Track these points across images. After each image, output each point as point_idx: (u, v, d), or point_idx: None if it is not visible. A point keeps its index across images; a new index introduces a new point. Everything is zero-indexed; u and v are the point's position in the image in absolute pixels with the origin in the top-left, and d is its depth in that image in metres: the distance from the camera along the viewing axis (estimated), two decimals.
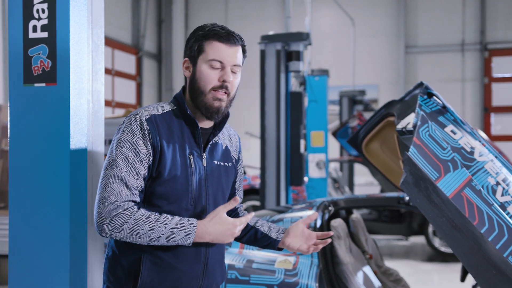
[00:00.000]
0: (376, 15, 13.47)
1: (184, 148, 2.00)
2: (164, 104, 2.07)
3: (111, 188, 1.89)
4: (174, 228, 1.88)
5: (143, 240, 1.88)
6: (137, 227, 1.86)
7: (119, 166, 1.91)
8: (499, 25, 12.93)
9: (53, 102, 2.23)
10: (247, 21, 14.23)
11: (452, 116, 2.67)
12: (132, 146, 1.93)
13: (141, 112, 1.99)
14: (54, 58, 2.23)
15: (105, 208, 1.87)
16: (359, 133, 3.50)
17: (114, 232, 1.87)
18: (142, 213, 1.88)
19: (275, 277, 3.01)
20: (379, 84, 13.48)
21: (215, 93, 1.98)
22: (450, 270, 7.50)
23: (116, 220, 1.86)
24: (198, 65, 2.00)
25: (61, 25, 2.24)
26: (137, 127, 1.95)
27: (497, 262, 2.22)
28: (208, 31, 2.00)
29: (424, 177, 2.28)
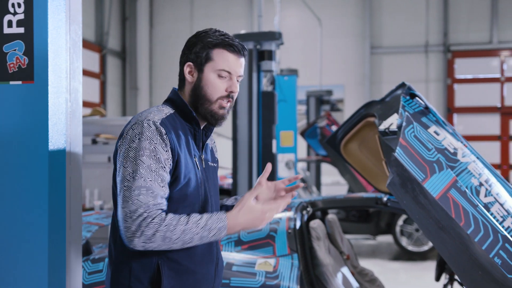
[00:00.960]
0: (342, 15, 13.57)
1: (190, 151, 1.99)
2: (162, 107, 2.03)
3: (137, 200, 1.82)
4: (205, 226, 1.85)
5: (177, 245, 1.84)
6: (170, 233, 1.81)
7: (143, 176, 1.84)
8: (461, 28, 13.19)
9: (30, 101, 2.14)
10: (212, 19, 14.14)
11: (435, 117, 2.67)
12: (152, 153, 1.87)
13: (151, 117, 1.94)
14: (31, 55, 2.14)
15: (134, 222, 1.80)
16: (338, 133, 3.49)
17: (147, 243, 1.81)
18: (171, 218, 1.83)
19: (256, 279, 2.97)
20: (345, 84, 13.58)
21: (221, 102, 1.99)
22: (417, 268, 7.60)
23: (147, 230, 1.80)
24: (206, 73, 2.00)
25: (39, 20, 2.14)
26: (153, 132, 1.89)
27: (483, 263, 2.22)
28: (219, 40, 2.00)
29: (411, 178, 2.27)
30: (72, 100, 2.33)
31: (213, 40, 1.99)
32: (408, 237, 7.98)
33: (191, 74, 2.03)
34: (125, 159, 1.88)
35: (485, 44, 13.07)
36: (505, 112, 12.96)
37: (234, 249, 3.24)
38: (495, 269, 2.21)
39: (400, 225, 7.96)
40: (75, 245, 2.32)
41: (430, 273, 7.32)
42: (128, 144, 1.90)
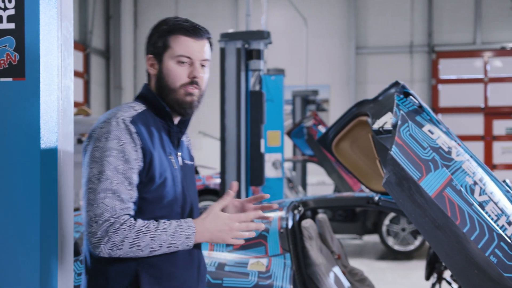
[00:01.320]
0: (328, 15, 13.60)
1: (164, 148, 1.90)
2: (134, 104, 1.94)
3: (103, 203, 1.73)
4: (174, 233, 1.76)
5: (144, 252, 1.75)
6: (138, 240, 1.72)
7: (109, 178, 1.75)
8: (445, 28, 13.29)
9: (21, 99, 2.08)
10: (197, 19, 13.90)
11: (428, 115, 2.66)
12: (120, 154, 1.78)
13: (121, 115, 1.84)
14: (22, 51, 2.08)
15: (100, 227, 1.72)
16: (329, 132, 3.47)
17: (114, 250, 1.72)
18: (141, 224, 1.75)
19: (248, 280, 2.94)
20: (331, 84, 13.61)
21: (186, 88, 1.91)
22: (404, 268, 7.63)
23: (115, 237, 1.71)
24: (165, 62, 1.92)
25: (30, 16, 2.09)
26: (122, 131, 1.80)
27: (479, 262, 2.22)
28: (172, 25, 1.92)
29: (407, 177, 2.26)
30: (63, 98, 2.28)
31: (167, 27, 1.92)
32: (394, 237, 8.02)
33: (153, 66, 1.96)
34: (91, 160, 1.80)
35: (468, 45, 13.19)
36: (489, 113, 13.08)
37: (225, 249, 3.21)
38: (491, 267, 2.21)
39: (386, 225, 7.99)
40: (67, 245, 2.27)
41: (416, 273, 7.35)
42: (94, 144, 1.82)
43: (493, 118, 13.04)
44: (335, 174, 8.03)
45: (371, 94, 12.53)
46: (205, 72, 1.96)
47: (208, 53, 1.96)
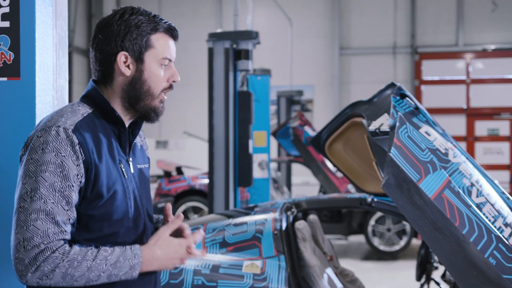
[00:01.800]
0: (312, 16, 13.62)
1: (114, 156, 1.68)
2: (78, 106, 1.69)
3: (33, 226, 1.51)
4: (116, 263, 1.57)
5: (79, 283, 1.54)
6: (72, 269, 1.52)
7: (43, 197, 1.52)
8: (428, 30, 13.39)
9: (16, 99, 2.04)
10: (181, 19, 13.98)
11: (425, 117, 2.66)
12: (58, 169, 1.54)
13: (62, 122, 1.60)
14: (17, 50, 2.04)
15: (28, 253, 1.50)
16: (322, 133, 3.46)
17: (43, 280, 1.51)
18: (76, 252, 1.54)
19: (243, 282, 2.91)
20: (314, 85, 13.64)
21: (163, 95, 1.74)
22: (389, 268, 7.67)
23: (45, 266, 1.50)
24: (147, 63, 1.71)
25: (26, 14, 2.04)
26: (63, 142, 1.56)
27: (478, 263, 2.22)
28: (157, 22, 1.73)
29: (406, 179, 2.26)
30: (58, 97, 2.24)
31: (152, 24, 1.72)
32: (380, 237, 8.05)
33: (129, 67, 1.71)
34: (24, 174, 1.56)
35: (451, 46, 13.31)
36: (471, 114, 13.21)
37: (219, 251, 3.18)
38: (490, 269, 2.21)
39: (372, 225, 8.02)
40: None
41: (402, 273, 7.40)
42: (29, 155, 1.57)
43: (475, 119, 13.17)
44: (321, 175, 8.04)
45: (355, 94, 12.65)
46: None
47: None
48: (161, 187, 8.65)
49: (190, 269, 2.97)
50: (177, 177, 8.86)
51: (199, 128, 12.36)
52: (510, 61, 13.07)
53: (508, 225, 2.40)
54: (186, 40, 13.63)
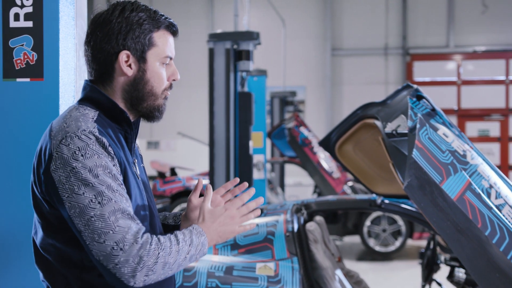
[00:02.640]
0: (305, 17, 13.65)
1: (128, 159, 1.64)
2: (84, 110, 1.62)
3: (118, 227, 1.46)
4: (192, 242, 1.56)
5: (172, 270, 1.54)
6: (168, 257, 1.50)
7: (112, 198, 1.49)
8: (419, 31, 13.48)
9: (40, 100, 2.01)
10: (173, 17, 13.91)
11: (441, 119, 2.67)
12: (106, 170, 1.51)
13: (84, 126, 1.54)
14: (40, 50, 2.01)
15: (129, 253, 1.45)
16: (331, 135, 3.46)
17: (149, 276, 1.48)
18: (163, 240, 1.53)
19: (258, 284, 2.90)
20: (306, 85, 13.66)
21: (166, 93, 1.70)
22: (385, 269, 7.69)
23: (148, 259, 1.47)
24: (150, 62, 1.65)
25: (49, 14, 2.02)
26: (96, 145, 1.52)
27: (501, 265, 2.23)
28: (158, 19, 1.66)
29: (430, 181, 2.26)
30: (78, 98, 2.21)
31: (152, 21, 1.65)
32: (375, 238, 8.07)
33: (130, 67, 1.65)
34: (76, 184, 1.48)
35: (442, 48, 13.41)
36: (462, 115, 13.32)
37: (230, 253, 3.16)
38: None
39: (367, 226, 8.04)
40: None
41: (398, 273, 7.43)
42: (70, 165, 1.49)
43: (466, 120, 13.29)
44: (318, 176, 8.05)
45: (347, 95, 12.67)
46: None
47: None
48: (155, 188, 8.60)
49: (203, 272, 2.95)
50: (171, 178, 8.82)
51: (191, 128, 12.32)
52: (500, 62, 13.21)
53: None
54: (177, 40, 13.57)
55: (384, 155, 3.04)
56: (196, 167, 10.49)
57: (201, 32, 13.45)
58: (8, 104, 2.02)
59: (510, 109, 13.17)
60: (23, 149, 2.02)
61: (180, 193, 8.52)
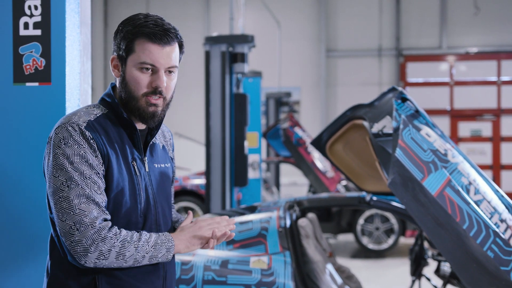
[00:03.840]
0: (300, 19, 13.80)
1: (126, 155, 1.80)
2: (93, 107, 1.83)
3: (79, 209, 1.65)
4: (155, 245, 1.74)
5: (128, 263, 1.70)
6: (124, 249, 1.68)
7: (79, 184, 1.67)
8: (412, 33, 13.65)
9: (48, 103, 2.16)
10: (168, 20, 14.02)
11: (424, 119, 2.83)
12: (83, 159, 1.69)
13: (76, 119, 1.74)
14: (48, 56, 2.16)
15: (84, 234, 1.63)
16: (323, 135, 3.61)
17: (100, 260, 1.65)
18: (125, 234, 1.70)
19: (252, 277, 3.05)
20: (301, 86, 13.82)
21: (149, 98, 1.79)
22: (377, 266, 7.84)
23: (102, 245, 1.65)
24: (128, 67, 1.79)
25: (56, 22, 2.17)
26: (79, 136, 1.71)
27: (477, 257, 2.39)
28: (138, 28, 1.77)
29: (411, 178, 2.42)
30: (83, 101, 2.36)
31: (133, 29, 1.77)
32: (368, 236, 8.23)
33: (117, 68, 1.82)
34: (54, 168, 1.69)
35: (435, 49, 13.57)
36: (454, 115, 13.50)
37: (226, 247, 3.31)
38: (489, 262, 2.38)
39: (361, 224, 8.20)
40: None
41: (390, 271, 7.58)
42: (54, 151, 1.71)
43: (458, 120, 13.46)
44: (312, 175, 8.20)
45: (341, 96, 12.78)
46: (172, 79, 1.83)
47: (175, 60, 1.83)
48: None
49: (200, 265, 3.10)
50: None
51: (188, 129, 12.46)
52: (492, 63, 13.39)
53: (503, 220, 2.58)
54: None
55: (372, 154, 3.20)
56: (193, 167, 10.62)
57: (197, 35, 13.59)
58: (18, 106, 2.16)
59: (502, 110, 13.35)
60: (31, 148, 2.16)
61: (176, 193, 8.64)
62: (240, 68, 5.67)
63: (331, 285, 3.32)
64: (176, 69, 1.83)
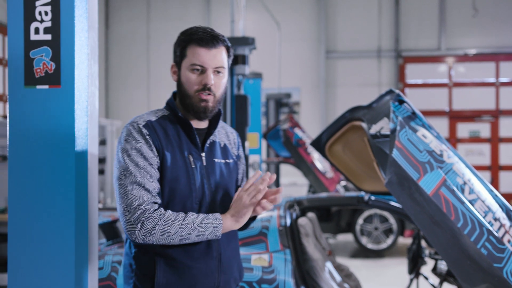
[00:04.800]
0: (300, 20, 13.89)
1: (182, 150, 2.11)
2: (158, 110, 2.19)
3: (131, 194, 1.99)
4: (201, 223, 1.98)
5: (175, 240, 1.96)
6: (168, 227, 1.95)
7: (133, 173, 2.01)
8: (411, 34, 13.74)
9: (57, 105, 2.23)
10: (169, 21, 14.16)
11: (421, 121, 2.91)
12: (139, 152, 2.03)
13: (137, 120, 2.12)
14: (58, 60, 2.24)
15: (132, 215, 1.97)
16: (322, 136, 3.69)
17: (147, 236, 1.95)
18: (170, 214, 1.98)
19: (253, 274, 3.13)
20: (301, 87, 13.91)
21: (200, 94, 2.09)
22: (376, 265, 7.93)
23: (147, 224, 1.95)
24: (182, 70, 2.12)
25: (66, 28, 2.24)
26: (137, 133, 2.07)
27: (471, 254, 2.48)
28: (188, 36, 2.10)
29: (407, 177, 2.50)
30: (90, 104, 2.44)
31: (185, 37, 2.11)
32: (367, 236, 8.31)
33: (175, 73, 2.17)
34: (117, 160, 2.07)
35: (434, 50, 13.67)
36: (453, 116, 13.59)
37: None
38: (482, 259, 2.47)
39: (360, 224, 8.28)
40: (94, 238, 2.43)
41: (389, 270, 7.67)
42: (118, 147, 2.08)
43: (457, 121, 13.55)
44: (311, 176, 8.28)
45: (340, 97, 12.84)
46: (221, 78, 2.12)
47: (222, 61, 2.12)
48: None
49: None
50: None
51: None
52: (490, 65, 13.48)
53: (497, 219, 2.66)
54: None
55: (370, 155, 3.28)
56: None
57: None
58: (29, 108, 2.24)
59: (500, 111, 13.44)
60: (41, 148, 2.25)
61: None
62: (241, 70, 5.75)
63: (330, 282, 3.40)
64: (223, 69, 2.12)
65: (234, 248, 2.21)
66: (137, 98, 14.45)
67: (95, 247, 2.44)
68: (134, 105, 14.34)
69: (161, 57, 14.06)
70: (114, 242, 3.83)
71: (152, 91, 14.41)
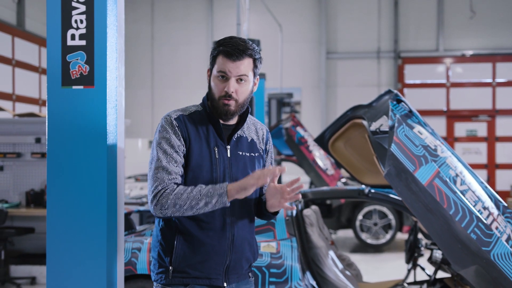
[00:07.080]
0: (301, 22, 14.15)
1: (209, 142, 2.38)
2: (193, 106, 2.47)
3: (156, 177, 2.29)
4: (207, 193, 2.23)
5: (187, 211, 2.24)
6: (178, 199, 2.23)
7: (160, 159, 2.31)
8: (410, 36, 14.01)
9: (91, 103, 2.50)
10: (173, 23, 14.40)
11: (417, 119, 3.18)
12: (167, 141, 2.32)
13: (171, 113, 2.42)
14: (91, 63, 2.50)
15: (153, 193, 2.27)
16: (325, 133, 3.96)
17: (163, 210, 2.25)
18: (180, 188, 2.27)
19: (263, 259, 3.40)
20: (302, 87, 14.17)
21: (223, 100, 2.35)
22: (375, 260, 8.18)
23: (161, 199, 2.25)
24: (212, 76, 2.40)
25: (99, 34, 2.51)
26: (168, 125, 2.35)
27: (462, 238, 2.74)
28: (217, 47, 2.37)
29: (404, 169, 2.77)
30: (119, 102, 2.70)
31: (217, 48, 2.37)
32: (367, 231, 8.57)
33: (209, 77, 2.44)
34: (152, 147, 2.38)
35: (432, 51, 13.93)
36: (451, 116, 13.85)
37: None
38: (472, 243, 2.73)
39: (360, 220, 8.54)
40: (121, 226, 2.70)
41: (388, 264, 7.92)
42: (154, 136, 2.40)
43: (455, 121, 13.82)
44: (313, 173, 8.53)
45: (340, 97, 13.09)
46: (243, 86, 2.36)
47: (245, 70, 2.35)
48: None
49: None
50: None
51: None
52: (487, 66, 13.74)
53: (486, 208, 2.93)
54: (177, 43, 14.08)
55: (370, 150, 3.54)
56: None
57: (201, 37, 13.95)
58: (66, 106, 2.51)
59: (497, 110, 13.70)
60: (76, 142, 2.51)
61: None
62: None
63: (333, 268, 3.67)
64: (246, 77, 2.37)
65: (249, 232, 2.43)
66: (141, 98, 14.70)
67: (121, 232, 2.71)
68: (138, 105, 14.59)
69: (165, 58, 14.31)
70: (129, 233, 4.09)
71: (156, 91, 14.66)
